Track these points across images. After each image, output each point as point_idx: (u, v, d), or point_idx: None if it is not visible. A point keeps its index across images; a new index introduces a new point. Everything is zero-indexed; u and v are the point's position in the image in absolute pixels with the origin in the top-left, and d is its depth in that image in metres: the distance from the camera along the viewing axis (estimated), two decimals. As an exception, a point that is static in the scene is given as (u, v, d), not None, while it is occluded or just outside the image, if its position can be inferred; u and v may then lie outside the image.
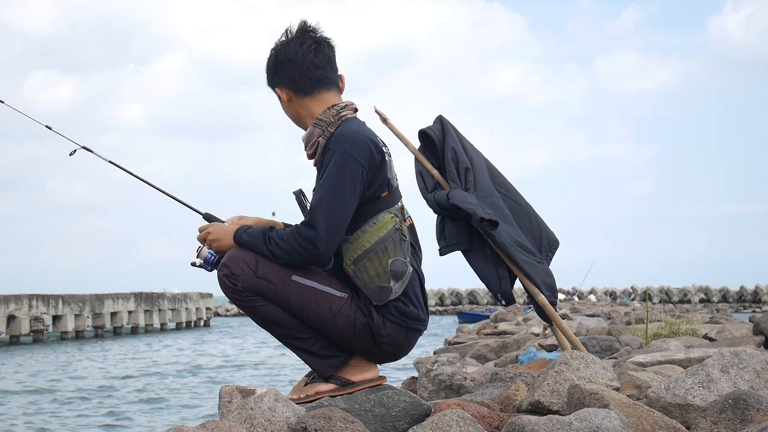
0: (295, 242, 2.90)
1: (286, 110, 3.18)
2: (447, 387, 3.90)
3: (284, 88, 3.12)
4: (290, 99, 3.11)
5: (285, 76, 3.10)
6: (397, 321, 2.99)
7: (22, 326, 29.53)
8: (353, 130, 2.98)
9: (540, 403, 2.97)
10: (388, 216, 2.98)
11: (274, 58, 3.13)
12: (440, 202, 3.84)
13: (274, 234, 2.95)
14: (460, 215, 3.81)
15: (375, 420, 2.82)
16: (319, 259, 2.92)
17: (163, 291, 40.10)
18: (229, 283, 2.95)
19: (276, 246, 2.92)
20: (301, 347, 3.03)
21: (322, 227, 2.88)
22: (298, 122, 3.16)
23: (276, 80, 3.14)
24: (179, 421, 11.59)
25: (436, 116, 4.06)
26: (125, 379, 17.31)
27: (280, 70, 3.11)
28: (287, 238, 2.91)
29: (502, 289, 3.88)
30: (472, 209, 3.74)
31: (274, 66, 3.13)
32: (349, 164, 2.90)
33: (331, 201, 2.89)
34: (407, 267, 2.98)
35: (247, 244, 2.97)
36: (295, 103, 3.11)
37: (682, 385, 2.84)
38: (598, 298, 43.29)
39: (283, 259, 2.93)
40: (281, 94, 3.13)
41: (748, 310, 49.37)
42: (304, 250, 2.89)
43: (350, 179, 2.90)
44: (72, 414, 12.64)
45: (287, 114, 3.19)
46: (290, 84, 3.10)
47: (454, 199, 3.79)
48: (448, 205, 3.81)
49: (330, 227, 2.89)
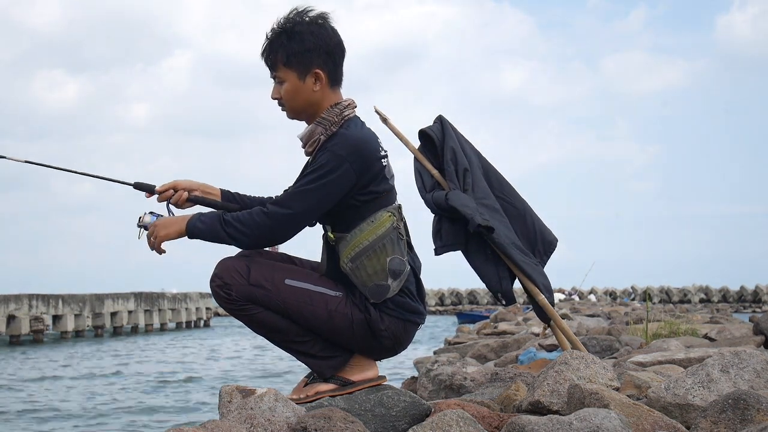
0: (260, 220, 2.87)
1: (302, 96, 2.99)
2: (447, 387, 3.89)
3: (323, 72, 2.98)
4: (322, 85, 2.99)
5: (330, 61, 2.99)
6: (395, 314, 2.99)
7: (22, 326, 29.53)
8: (354, 135, 2.93)
9: (540, 403, 2.97)
10: (386, 214, 2.98)
11: (324, 37, 2.97)
12: (438, 202, 3.84)
13: (230, 217, 2.91)
14: (457, 216, 3.81)
15: (375, 420, 2.82)
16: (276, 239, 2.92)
17: (162, 291, 40.10)
18: (223, 294, 2.92)
19: (235, 230, 2.88)
20: (300, 350, 3.03)
21: (297, 209, 2.87)
22: (304, 112, 3.03)
23: (314, 60, 2.96)
24: (179, 421, 11.59)
25: (436, 116, 4.06)
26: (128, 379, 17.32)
27: (330, 53, 2.98)
28: (249, 219, 2.88)
29: (502, 288, 3.87)
30: (470, 214, 3.73)
31: (319, 46, 2.95)
32: (341, 169, 2.87)
33: (310, 192, 2.87)
34: (405, 265, 2.98)
35: (201, 233, 2.93)
36: (321, 91, 2.99)
37: (682, 385, 2.83)
38: (598, 298, 43.28)
39: (244, 242, 2.91)
40: (312, 77, 2.97)
41: (748, 310, 49.39)
42: (267, 228, 2.87)
43: (336, 184, 2.87)
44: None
45: (299, 101, 3.00)
46: (331, 70, 3.00)
47: (452, 201, 3.78)
48: (446, 206, 3.80)
49: (303, 212, 2.88)
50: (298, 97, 3.00)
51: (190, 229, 2.94)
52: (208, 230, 2.92)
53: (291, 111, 3.06)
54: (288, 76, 3.00)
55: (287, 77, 3.00)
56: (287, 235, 2.94)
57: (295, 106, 3.03)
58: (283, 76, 3.01)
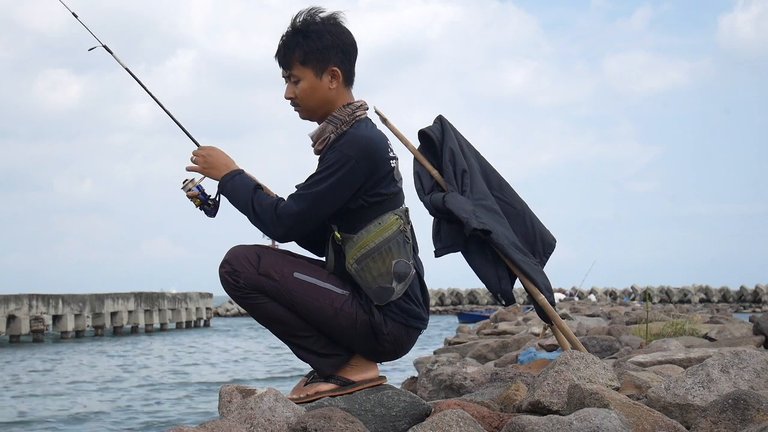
0: (271, 213, 2.90)
1: (319, 94, 2.99)
2: (447, 387, 3.90)
3: (339, 70, 2.99)
4: (337, 84, 3.00)
5: (346, 60, 3.00)
6: (399, 319, 2.99)
7: (22, 326, 29.53)
8: (364, 135, 2.93)
9: (540, 403, 2.97)
10: (393, 217, 2.98)
11: (341, 36, 2.99)
12: (436, 204, 3.83)
13: (257, 195, 2.95)
14: (454, 219, 3.81)
15: (375, 420, 2.82)
16: (281, 236, 2.94)
17: (161, 291, 40.09)
18: (231, 280, 2.93)
19: (258, 204, 2.92)
20: (301, 345, 3.03)
21: (304, 207, 2.88)
22: (318, 111, 3.03)
23: (332, 58, 2.97)
24: (179, 420, 11.59)
25: (436, 116, 4.05)
26: (127, 378, 17.32)
27: (346, 52, 3.00)
28: (267, 205, 2.91)
29: (502, 288, 3.87)
30: (465, 218, 3.73)
31: (336, 44, 2.97)
32: (349, 170, 2.88)
33: (318, 191, 2.88)
34: (410, 269, 2.98)
35: (231, 189, 2.98)
36: (336, 90, 3.00)
37: (682, 385, 2.84)
38: (598, 298, 43.26)
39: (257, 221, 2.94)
40: (328, 75, 2.98)
41: (748, 310, 49.38)
42: (275, 223, 2.90)
43: (344, 183, 2.88)
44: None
45: (315, 99, 3.00)
46: (347, 69, 3.01)
47: (449, 204, 3.77)
48: (443, 209, 3.80)
49: (310, 210, 2.89)
50: (315, 95, 3.00)
51: (222, 181, 3.00)
52: (238, 191, 2.96)
53: (305, 110, 3.05)
54: (304, 74, 2.99)
55: (304, 75, 2.99)
56: (293, 232, 2.94)
57: (310, 105, 3.03)
58: (299, 75, 3.00)
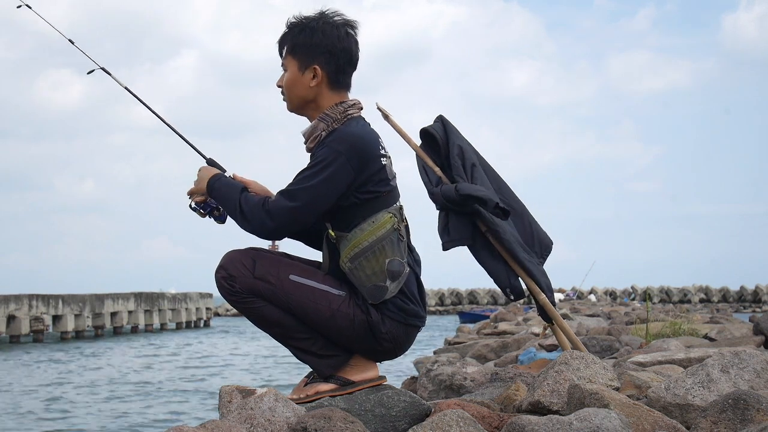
0: (260, 210, 2.90)
1: (299, 88, 3.03)
2: (447, 387, 3.90)
3: (322, 70, 3.01)
4: (318, 83, 3.01)
5: (332, 62, 3.01)
6: (396, 318, 2.99)
7: (22, 326, 29.52)
8: (354, 132, 2.94)
9: (540, 403, 2.97)
10: (387, 216, 2.98)
11: (333, 38, 3.00)
12: (447, 194, 3.78)
13: (244, 195, 2.96)
14: (466, 208, 3.77)
15: (375, 420, 2.82)
16: (271, 232, 2.93)
17: (161, 291, 40.08)
18: (227, 285, 2.93)
19: (245, 202, 2.93)
20: (300, 347, 3.03)
21: (294, 203, 2.88)
22: (302, 106, 3.06)
23: (316, 56, 3.00)
24: (179, 420, 11.59)
25: (437, 116, 4.05)
26: (126, 377, 17.32)
27: (334, 54, 3.00)
28: (255, 204, 2.92)
29: (511, 283, 3.84)
30: (486, 195, 3.69)
31: (325, 45, 2.99)
32: (339, 166, 2.87)
33: (307, 187, 2.88)
34: (404, 267, 2.98)
35: (218, 192, 3.00)
36: (319, 88, 3.02)
37: (682, 385, 2.84)
38: (598, 298, 43.30)
39: (245, 226, 2.94)
40: (310, 71, 3.01)
41: (748, 310, 49.38)
42: (264, 220, 2.89)
43: (333, 179, 2.87)
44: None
45: (295, 93, 3.04)
46: (332, 71, 3.02)
47: (464, 189, 3.72)
48: (456, 198, 3.73)
49: (301, 206, 2.88)
50: (294, 88, 3.05)
51: (209, 185, 3.04)
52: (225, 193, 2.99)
53: (289, 102, 3.10)
54: (290, 65, 3.06)
55: (290, 66, 3.06)
56: (283, 228, 2.93)
57: (292, 98, 3.08)
58: (286, 64, 3.08)
